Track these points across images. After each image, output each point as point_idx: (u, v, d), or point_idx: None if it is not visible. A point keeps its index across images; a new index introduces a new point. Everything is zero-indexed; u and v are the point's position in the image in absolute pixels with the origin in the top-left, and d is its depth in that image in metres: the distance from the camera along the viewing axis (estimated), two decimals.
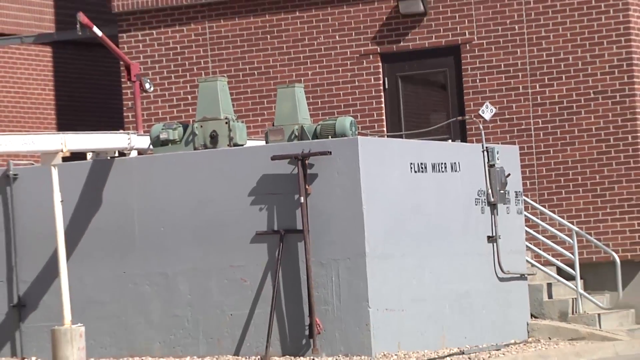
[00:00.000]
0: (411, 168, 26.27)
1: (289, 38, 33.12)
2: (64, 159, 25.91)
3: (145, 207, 26.41)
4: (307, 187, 24.96)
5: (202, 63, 33.41)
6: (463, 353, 25.11)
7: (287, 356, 24.94)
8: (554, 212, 30.59)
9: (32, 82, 36.50)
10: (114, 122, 32.63)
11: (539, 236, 30.06)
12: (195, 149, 26.70)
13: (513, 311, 28.13)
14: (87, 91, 36.35)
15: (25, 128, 33.44)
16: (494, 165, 27.88)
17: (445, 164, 27.03)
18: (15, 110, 35.51)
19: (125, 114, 32.63)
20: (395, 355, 24.46)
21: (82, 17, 30.48)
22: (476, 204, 27.51)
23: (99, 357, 25.37)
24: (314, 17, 32.82)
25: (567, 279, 29.85)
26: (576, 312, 29.22)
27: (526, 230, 29.28)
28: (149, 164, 26.86)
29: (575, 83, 30.96)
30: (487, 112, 29.57)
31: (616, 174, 30.76)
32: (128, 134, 28.32)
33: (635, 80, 30.56)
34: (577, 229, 30.13)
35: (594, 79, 30.84)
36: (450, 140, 29.85)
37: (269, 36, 33.23)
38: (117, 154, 27.32)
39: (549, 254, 30.17)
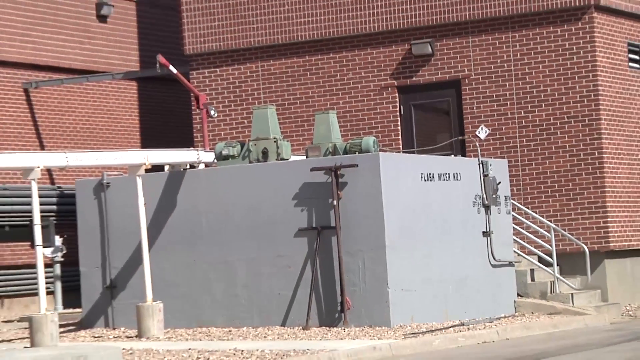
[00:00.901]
0: (421, 177, 26.42)
1: (325, 74, 33.18)
2: (147, 171, 26.07)
3: (211, 209, 26.61)
4: (339, 192, 25.12)
5: (256, 94, 33.49)
6: (463, 324, 25.16)
7: (323, 327, 25.06)
8: (535, 212, 30.61)
9: (121, 110, 36.55)
10: (186, 141, 32.66)
11: (524, 231, 30.07)
12: (250, 162, 26.90)
13: (503, 291, 28.18)
14: (165, 117, 36.36)
15: (115, 146, 33.52)
16: (487, 175, 27.97)
17: (448, 174, 27.16)
18: (108, 132, 35.59)
19: (195, 134, 32.71)
20: (409, 326, 24.52)
21: (161, 58, 30.68)
22: (473, 206, 27.60)
23: (174, 327, 25.46)
24: (344, 57, 32.88)
25: (546, 266, 29.83)
26: (554, 292, 29.21)
27: (513, 227, 29.33)
28: (214, 175, 27.08)
29: (553, 110, 30.97)
30: (482, 132, 29.58)
31: (585, 182, 30.76)
32: (197, 150, 28.47)
33: (600, 107, 30.57)
34: (554, 226, 30.16)
35: (567, 107, 30.85)
36: (452, 155, 29.89)
37: (308, 72, 33.28)
38: (188, 167, 27.47)
39: (531, 246, 30.16)
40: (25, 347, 21.69)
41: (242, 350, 21.08)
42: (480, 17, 31.77)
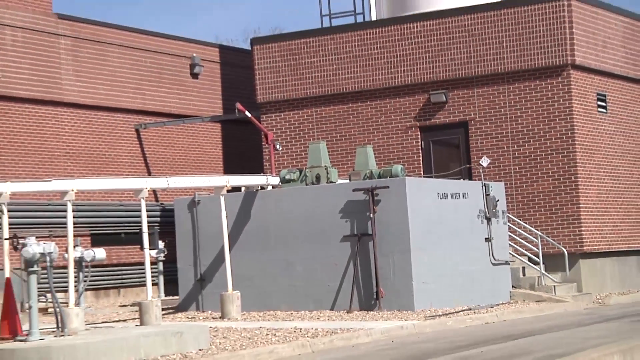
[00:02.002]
0: (438, 196, 26.33)
1: (363, 117, 33.11)
2: (228, 191, 26.08)
3: (277, 220, 26.57)
4: (374, 208, 25.07)
5: (311, 132, 33.46)
6: (470, 309, 25.03)
7: (362, 311, 24.99)
8: (525, 223, 30.43)
9: (209, 145, 36.58)
10: (257, 168, 32.65)
11: (517, 237, 29.91)
12: (306, 185, 26.90)
13: (501, 284, 28.01)
14: (242, 150, 36.37)
15: (204, 172, 33.55)
16: (488, 194, 27.85)
17: (459, 193, 27.05)
18: (198, 161, 35.62)
19: (264, 163, 32.71)
20: (429, 310, 24.39)
21: (239, 106, 30.68)
22: (478, 218, 27.47)
23: (248, 311, 25.39)
24: (378, 104, 32.80)
25: (534, 264, 29.67)
26: (540, 284, 29.04)
27: (508, 234, 29.18)
28: (279, 194, 27.03)
29: (539, 144, 30.79)
30: (484, 162, 29.42)
31: (564, 200, 30.58)
32: (266, 175, 28.45)
33: (576, 143, 30.37)
34: (540, 233, 29.97)
35: (550, 142, 30.68)
36: (461, 179, 29.75)
37: (350, 116, 33.22)
38: (259, 188, 27.46)
39: (523, 249, 30.02)
40: (136, 325, 21.70)
41: (301, 329, 21.13)
42: (483, 74, 31.66)
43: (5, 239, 20.70)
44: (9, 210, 21.22)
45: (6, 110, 29.93)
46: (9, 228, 20.93)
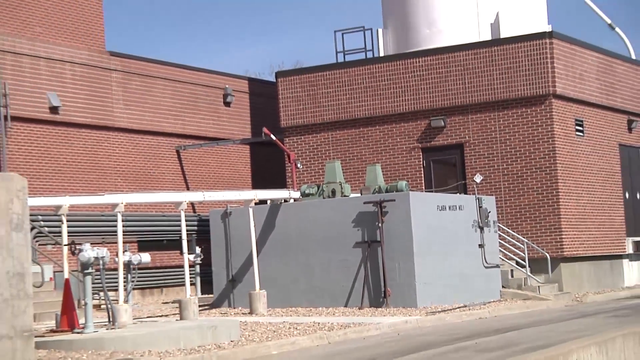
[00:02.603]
0: (437, 208, 26.29)
1: (373, 139, 33.09)
2: (255, 204, 26.08)
3: (298, 228, 26.53)
4: (382, 218, 25.03)
5: (327, 153, 33.45)
6: (466, 306, 24.94)
7: (372, 307, 24.88)
8: (514, 231, 30.36)
9: (239, 164, 36.60)
10: (281, 184, 32.64)
11: (506, 244, 29.84)
12: (323, 198, 26.87)
13: (492, 284, 27.89)
14: (267, 168, 36.30)
15: (234, 187, 33.54)
16: (481, 206, 27.77)
17: (455, 206, 26.99)
18: (230, 178, 35.64)
19: (287, 179, 32.72)
20: (429, 307, 24.33)
21: (265, 130, 30.73)
22: (472, 227, 27.38)
23: (273, 307, 25.33)
24: (385, 129, 32.77)
25: (521, 267, 29.59)
26: (526, 285, 28.94)
27: (499, 241, 29.10)
28: (300, 206, 27.03)
29: (525, 163, 30.74)
30: (478, 178, 29.34)
31: (547, 212, 30.50)
32: (288, 190, 28.45)
33: (557, 162, 30.30)
34: (526, 240, 29.87)
35: (534, 161, 30.62)
36: (458, 193, 29.70)
37: (362, 139, 33.21)
38: (283, 201, 27.46)
39: (511, 254, 29.94)
40: (176, 320, 21.72)
41: (319, 323, 21.11)
42: (476, 102, 31.62)
43: (65, 245, 20.81)
44: (67, 220, 21.34)
45: (66, 134, 30.07)
46: (68, 235, 21.03)
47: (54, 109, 29.57)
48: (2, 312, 14.96)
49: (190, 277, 24.37)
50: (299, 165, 33.13)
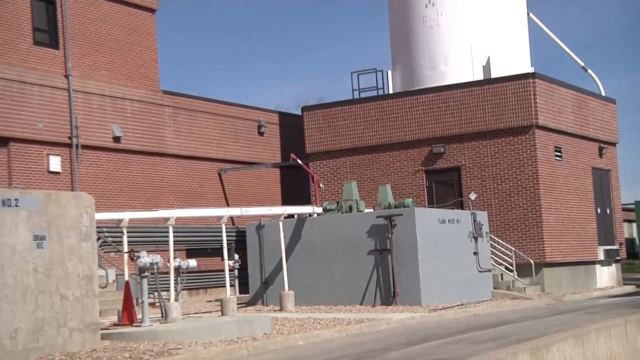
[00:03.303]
0: (438, 221, 26.26)
1: (383, 163, 33.10)
2: (285, 218, 26.09)
3: (321, 239, 26.52)
4: (392, 230, 25.00)
5: (345, 175, 33.45)
6: (463, 304, 24.87)
7: (383, 305, 24.86)
8: (503, 241, 30.28)
9: (270, 184, 36.64)
10: (306, 201, 32.60)
11: (496, 252, 29.77)
12: (342, 213, 26.86)
13: (485, 286, 27.79)
14: (294, 187, 36.31)
15: (267, 204, 33.50)
16: (476, 220, 27.73)
17: (454, 219, 26.95)
18: (263, 196, 35.65)
19: (311, 197, 32.72)
20: (432, 305, 24.28)
21: (293, 156, 30.73)
22: (468, 238, 27.32)
23: (300, 305, 25.30)
24: (394, 154, 32.78)
25: (509, 272, 29.52)
26: (513, 286, 28.85)
27: (491, 249, 29.02)
28: (322, 220, 27.00)
29: (512, 184, 30.66)
30: (472, 196, 29.26)
31: (531, 225, 30.39)
32: (312, 206, 28.45)
33: (539, 183, 30.23)
34: (513, 249, 29.81)
35: (520, 182, 30.55)
36: (455, 209, 29.62)
37: (374, 163, 33.22)
38: (308, 215, 27.46)
39: (501, 260, 29.86)
40: (218, 316, 21.73)
41: (338, 318, 21.11)
42: (471, 132, 31.60)
43: (125, 252, 20.92)
44: (127, 232, 21.42)
45: (127, 159, 30.18)
46: (128, 244, 21.13)
47: (116, 139, 29.72)
48: (74, 308, 15.06)
49: (230, 280, 24.37)
50: (321, 185, 33.14)
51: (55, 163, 27.64)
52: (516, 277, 29.49)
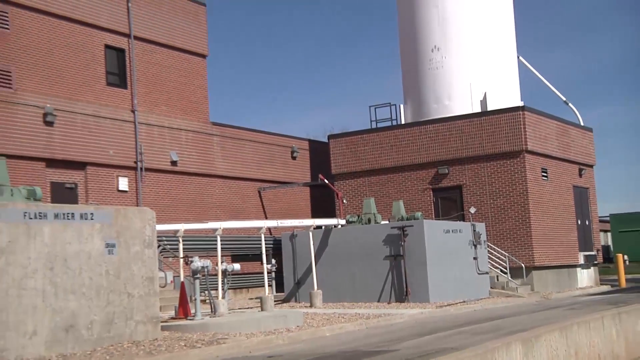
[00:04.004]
0: (444, 231, 26.18)
1: (397, 183, 33.10)
2: (314, 228, 26.12)
3: (344, 246, 26.50)
4: (404, 239, 24.95)
5: (365, 192, 33.46)
6: (464, 302, 24.76)
7: (397, 302, 24.76)
8: (498, 247, 30.15)
9: (301, 200, 36.69)
10: (332, 214, 32.68)
11: (493, 257, 29.64)
12: (362, 224, 26.86)
13: (483, 286, 27.64)
14: (322, 203, 36.40)
15: (298, 217, 33.59)
16: (475, 230, 27.61)
17: (456, 229, 26.86)
18: (295, 210, 35.71)
19: (336, 211, 32.75)
20: (438, 302, 24.17)
21: (320, 176, 30.70)
22: (468, 245, 27.21)
23: (327, 302, 25.29)
24: (406, 175, 32.76)
25: (503, 274, 29.36)
26: (507, 286, 28.68)
27: (488, 255, 28.88)
28: (345, 230, 26.96)
29: (506, 199, 30.56)
30: (472, 210, 29.22)
31: (522, 234, 30.27)
32: (337, 219, 28.45)
33: (529, 199, 30.11)
34: (507, 254, 29.67)
35: (512, 199, 30.43)
36: (458, 221, 29.55)
37: (389, 182, 33.22)
38: (333, 226, 27.47)
39: (496, 264, 29.72)
40: (258, 311, 21.75)
41: (359, 313, 21.12)
42: (470, 156, 31.56)
43: (181, 257, 21.06)
44: (183, 240, 21.57)
45: (182, 180, 30.40)
46: (183, 251, 21.25)
47: (173, 163, 29.93)
48: (139, 304, 15.16)
49: (268, 281, 24.42)
50: (344, 201, 33.19)
51: (123, 183, 27.89)
52: (509, 278, 29.30)
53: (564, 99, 37.60)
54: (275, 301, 24.72)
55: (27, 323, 13.10)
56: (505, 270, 29.78)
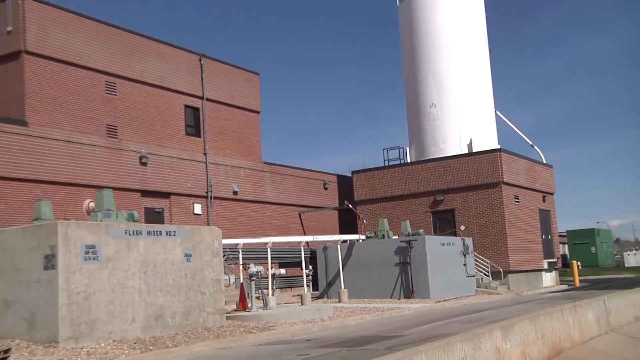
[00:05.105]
0: (441, 244, 26.01)
1: (404, 208, 32.99)
2: (341, 242, 26.08)
3: (364, 256, 26.37)
4: (410, 250, 24.80)
5: (380, 214, 33.40)
6: (457, 298, 24.52)
7: (405, 299, 24.57)
8: (482, 256, 29.88)
9: (332, 220, 36.52)
10: (354, 230, 32.60)
11: (478, 263, 29.37)
12: (378, 239, 26.70)
13: (471, 285, 27.34)
14: (347, 222, 36.29)
15: (329, 234, 33.55)
16: (464, 243, 27.42)
17: (451, 242, 26.69)
18: (327, 228, 35.63)
19: (358, 229, 32.68)
20: (437, 298, 23.99)
21: (346, 202, 30.79)
22: (459, 254, 27.00)
23: (352, 299, 25.20)
24: (412, 201, 32.68)
25: (486, 276, 29.06)
26: (489, 286, 28.38)
27: (474, 262, 28.62)
28: (366, 244, 26.83)
29: (487, 220, 30.33)
30: (462, 228, 29.07)
31: (500, 246, 29.99)
32: (359, 235, 28.39)
33: (505, 219, 29.91)
34: (489, 261, 29.42)
35: (492, 219, 30.19)
36: (452, 236, 29.37)
37: (398, 207, 33.13)
38: (356, 240, 27.41)
39: (481, 269, 29.42)
40: (299, 305, 21.74)
41: (376, 307, 20.99)
42: (460, 187, 31.44)
43: (240, 264, 21.13)
44: (242, 251, 21.62)
45: (241, 206, 30.52)
46: (242, 259, 21.31)
47: (235, 192, 30.12)
48: (209, 300, 15.27)
49: (306, 282, 24.37)
50: (364, 221, 33.11)
51: (197, 208, 28.12)
52: (491, 280, 29.01)
53: (531, 143, 37.38)
54: (311, 298, 24.72)
55: (128, 313, 13.29)
56: (487, 273, 29.50)
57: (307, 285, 27.57)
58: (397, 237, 27.08)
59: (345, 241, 27.11)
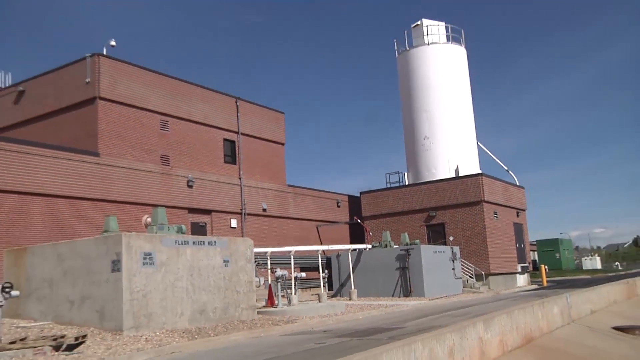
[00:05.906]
0: (434, 252, 25.82)
1: (403, 221, 32.88)
2: (352, 251, 25.99)
3: (371, 262, 26.20)
4: (408, 257, 24.66)
5: (383, 227, 33.32)
6: (447, 296, 24.29)
7: (404, 297, 24.34)
8: (468, 261, 29.63)
9: (343, 233, 36.42)
10: (361, 241, 32.44)
11: (465, 267, 29.11)
12: (382, 248, 26.57)
13: (458, 285, 27.05)
14: (356, 234, 36.09)
15: (340, 243, 33.43)
16: (453, 251, 27.18)
17: (442, 250, 26.49)
18: (340, 238, 35.55)
19: (365, 239, 32.56)
20: (431, 297, 23.74)
21: (355, 218, 30.82)
22: (449, 260, 26.77)
23: (360, 297, 25.03)
24: (410, 217, 32.59)
25: (471, 278, 28.78)
26: (474, 286, 28.08)
27: (461, 266, 28.36)
28: (372, 252, 26.64)
29: (471, 232, 30.11)
30: (451, 238, 28.88)
31: (482, 253, 29.75)
32: (366, 244, 28.27)
33: (486, 230, 29.75)
34: (473, 266, 29.16)
35: (476, 231, 29.98)
36: (443, 245, 29.18)
37: (398, 221, 33.03)
38: (364, 249, 27.31)
39: (466, 272, 29.14)
40: (317, 302, 21.62)
41: (380, 304, 20.80)
42: (449, 204, 31.26)
43: (269, 269, 21.14)
44: (270, 258, 21.62)
45: (269, 221, 30.47)
46: (270, 264, 21.31)
47: (264, 210, 30.16)
48: (243, 298, 15.30)
49: (322, 283, 24.26)
50: (370, 233, 32.98)
51: (234, 223, 28.21)
52: (475, 281, 28.69)
53: (506, 168, 37.21)
54: (327, 296, 24.61)
55: (177, 308, 13.39)
56: (472, 276, 29.20)
57: (323, 286, 27.48)
58: (397, 246, 26.91)
59: (354, 250, 26.99)
